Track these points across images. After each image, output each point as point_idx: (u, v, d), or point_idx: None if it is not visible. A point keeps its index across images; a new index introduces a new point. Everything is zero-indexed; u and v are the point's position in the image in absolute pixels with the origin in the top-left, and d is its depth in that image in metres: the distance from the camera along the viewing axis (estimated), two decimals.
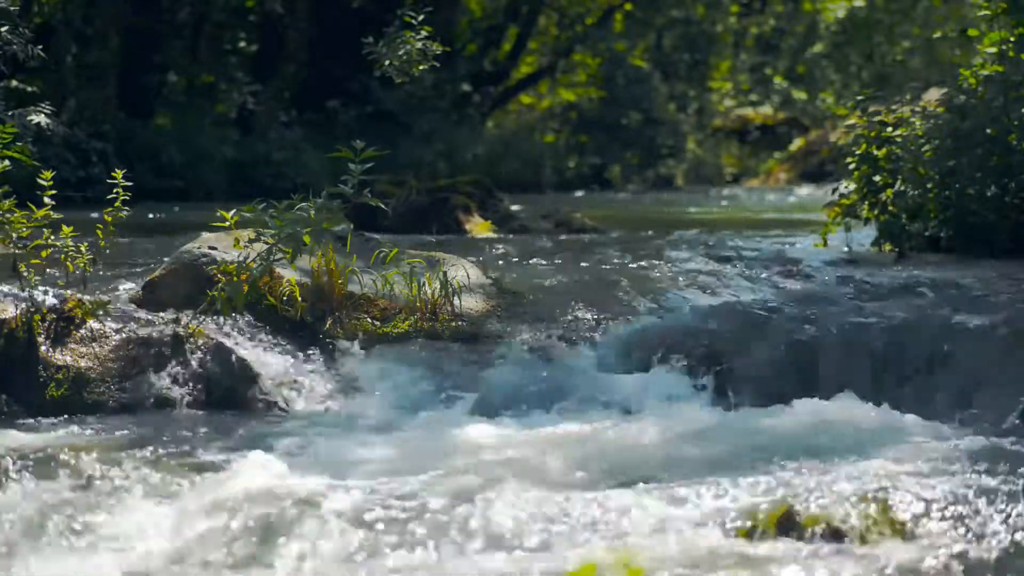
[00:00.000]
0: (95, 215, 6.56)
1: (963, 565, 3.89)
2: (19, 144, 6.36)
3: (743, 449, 5.20)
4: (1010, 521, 4.16)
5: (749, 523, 4.18)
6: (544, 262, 9.07)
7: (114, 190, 6.32)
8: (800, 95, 33.47)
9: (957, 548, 3.98)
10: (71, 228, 6.24)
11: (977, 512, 4.26)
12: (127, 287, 7.02)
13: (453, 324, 6.57)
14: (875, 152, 9.14)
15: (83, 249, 6.29)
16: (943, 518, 4.21)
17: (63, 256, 6.25)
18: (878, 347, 6.40)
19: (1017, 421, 5.82)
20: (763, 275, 7.96)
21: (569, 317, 6.76)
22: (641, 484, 4.63)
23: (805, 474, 4.76)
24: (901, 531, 4.12)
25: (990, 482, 4.58)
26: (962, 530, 4.11)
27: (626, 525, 4.26)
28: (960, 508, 4.29)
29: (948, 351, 6.29)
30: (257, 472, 4.78)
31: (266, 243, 6.25)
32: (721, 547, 4.06)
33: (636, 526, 4.25)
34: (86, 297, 6.22)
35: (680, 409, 6.01)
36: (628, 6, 28.73)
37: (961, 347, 6.30)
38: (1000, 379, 6.09)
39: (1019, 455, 5.16)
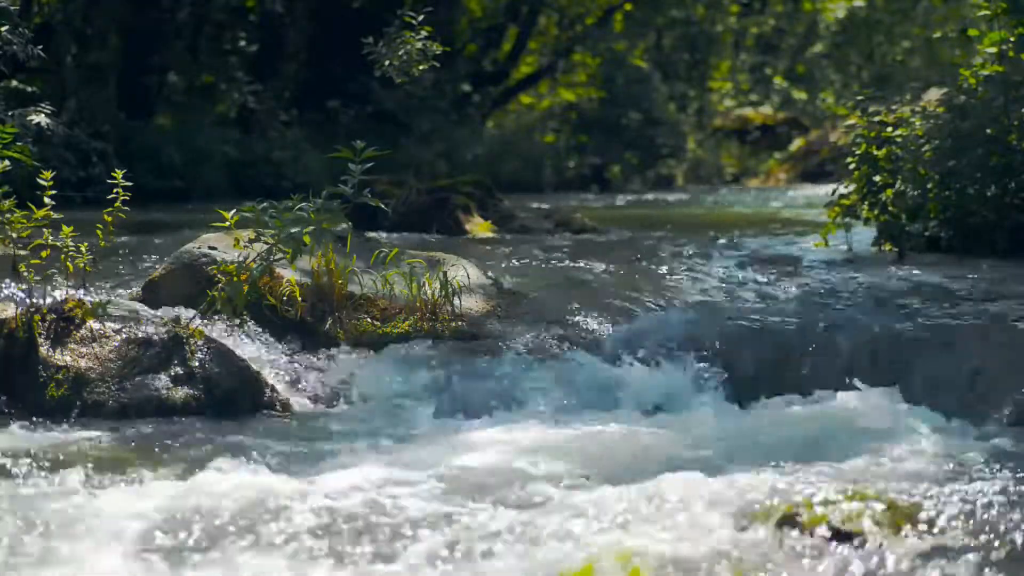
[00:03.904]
0: (95, 215, 6.56)
1: (966, 564, 3.89)
2: (19, 144, 6.36)
3: (743, 448, 5.20)
4: (1013, 520, 4.16)
5: (750, 523, 4.18)
6: (544, 262, 9.07)
7: (114, 190, 6.32)
8: (800, 95, 33.47)
9: (959, 547, 3.98)
10: (71, 228, 6.24)
11: (979, 511, 4.26)
12: (127, 287, 7.02)
13: (453, 324, 6.58)
14: (875, 152, 9.14)
15: (83, 249, 6.28)
16: (945, 517, 4.21)
17: (63, 256, 6.25)
18: (878, 347, 6.41)
19: (1018, 420, 5.82)
20: (763, 275, 7.96)
21: (569, 317, 6.76)
22: (641, 483, 4.63)
23: (806, 474, 4.76)
24: (903, 531, 4.12)
25: (992, 481, 4.58)
26: (964, 529, 4.11)
27: (626, 525, 4.26)
28: (962, 507, 4.29)
29: (948, 351, 6.29)
30: (257, 473, 4.78)
31: (266, 243, 6.25)
32: (722, 547, 4.06)
33: (636, 525, 4.25)
34: (86, 297, 6.22)
35: (680, 408, 6.01)
36: (628, 6, 28.71)
37: (961, 347, 6.30)
38: (1000, 378, 6.09)
39: (1020, 454, 5.17)
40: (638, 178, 27.77)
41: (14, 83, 14.00)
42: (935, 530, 4.13)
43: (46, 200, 6.16)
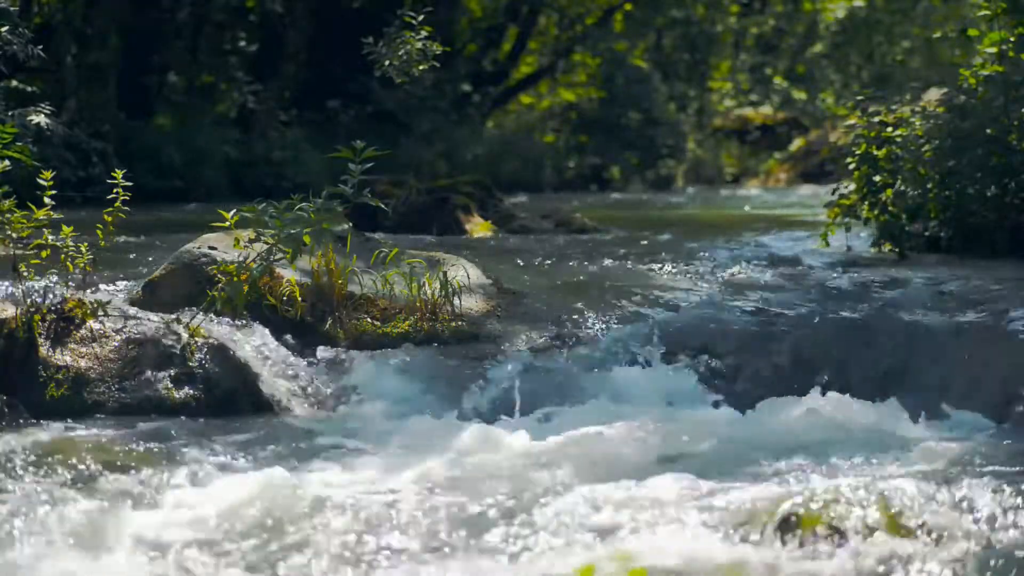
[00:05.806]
0: (95, 215, 6.56)
1: (964, 564, 3.89)
2: (19, 144, 6.36)
3: (743, 449, 5.20)
4: (1011, 520, 4.16)
5: (749, 523, 4.18)
6: (544, 262, 9.07)
7: (114, 190, 6.32)
8: (800, 95, 33.46)
9: (958, 547, 3.98)
10: (71, 228, 6.24)
11: (978, 511, 4.26)
12: (127, 287, 7.02)
13: (453, 324, 6.58)
14: (875, 152, 9.14)
15: (83, 249, 6.29)
16: (944, 517, 4.21)
17: (63, 256, 6.25)
18: (878, 347, 6.41)
19: (1017, 419, 5.83)
20: (763, 275, 7.96)
21: (569, 317, 6.76)
22: (641, 484, 4.63)
23: (805, 474, 4.76)
24: (901, 531, 4.12)
25: (990, 481, 4.58)
26: (963, 529, 4.11)
27: (627, 525, 4.26)
28: (961, 507, 4.29)
29: (948, 351, 6.30)
30: (257, 474, 4.78)
31: (266, 243, 6.26)
32: (721, 547, 4.06)
33: (636, 526, 4.25)
34: (86, 297, 6.22)
35: (680, 409, 6.01)
36: (628, 6, 28.70)
37: (960, 347, 6.30)
38: (1000, 378, 6.09)
39: (1019, 453, 5.17)
40: (638, 178, 27.75)
41: (14, 83, 14.00)
42: (935, 530, 4.13)
43: (46, 200, 6.16)
